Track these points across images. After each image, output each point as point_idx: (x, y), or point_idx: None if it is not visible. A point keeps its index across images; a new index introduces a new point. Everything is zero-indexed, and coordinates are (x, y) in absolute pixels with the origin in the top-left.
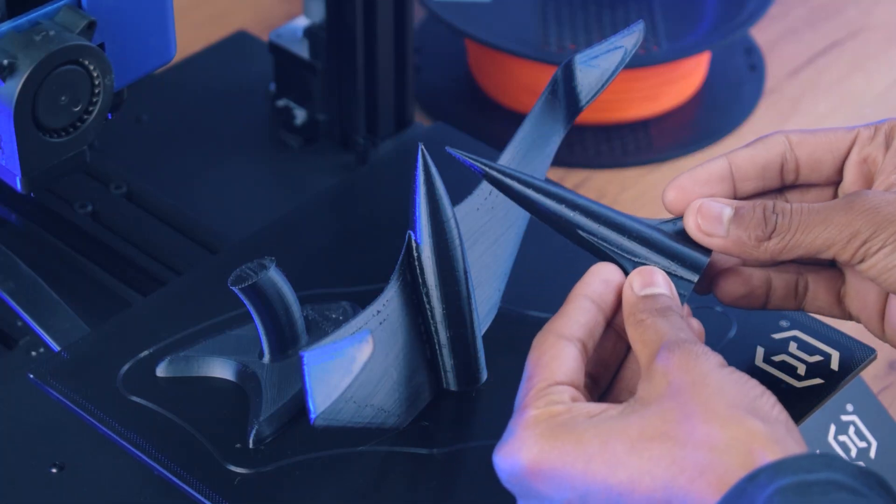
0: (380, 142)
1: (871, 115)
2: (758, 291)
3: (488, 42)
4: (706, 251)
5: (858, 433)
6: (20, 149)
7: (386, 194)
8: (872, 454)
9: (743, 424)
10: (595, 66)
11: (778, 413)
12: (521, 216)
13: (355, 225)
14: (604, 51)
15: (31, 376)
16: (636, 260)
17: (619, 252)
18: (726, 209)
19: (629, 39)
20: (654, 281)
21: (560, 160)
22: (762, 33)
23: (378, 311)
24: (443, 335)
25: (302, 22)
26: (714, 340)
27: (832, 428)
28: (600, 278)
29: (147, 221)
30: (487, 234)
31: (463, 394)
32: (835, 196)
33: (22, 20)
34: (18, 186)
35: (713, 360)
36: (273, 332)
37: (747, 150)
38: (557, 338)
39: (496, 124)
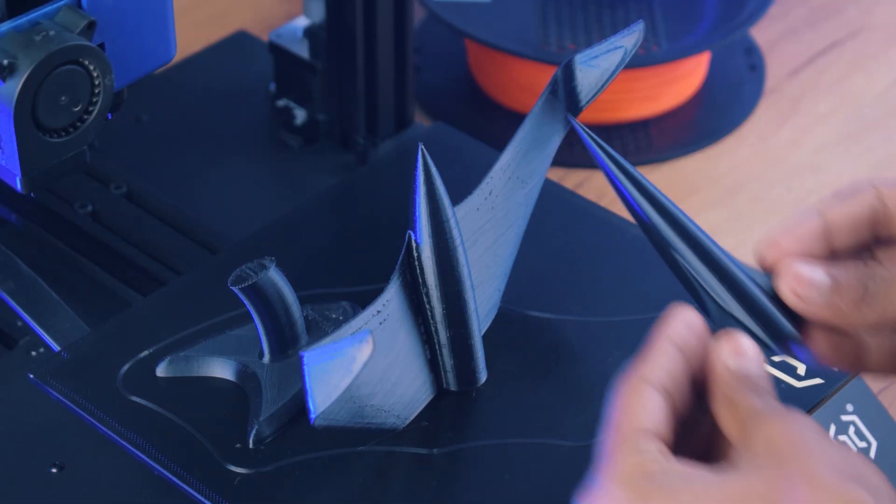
0: (380, 142)
1: (870, 115)
2: (846, 353)
3: (488, 42)
4: (797, 324)
5: (858, 433)
6: (20, 149)
7: (386, 194)
8: (872, 454)
9: (848, 493)
10: (595, 66)
11: (879, 482)
12: (521, 216)
13: (355, 225)
14: (604, 51)
15: (31, 376)
16: (721, 305)
17: (706, 291)
18: (825, 278)
19: (629, 39)
20: (745, 352)
21: (560, 160)
22: (762, 33)
23: (378, 311)
24: (443, 335)
25: (302, 22)
26: None
27: (832, 428)
28: (684, 322)
29: (147, 221)
30: (487, 234)
31: (463, 394)
32: None
33: (22, 20)
34: (18, 186)
35: (815, 428)
36: (273, 332)
37: (842, 206)
38: (642, 382)
39: (496, 124)
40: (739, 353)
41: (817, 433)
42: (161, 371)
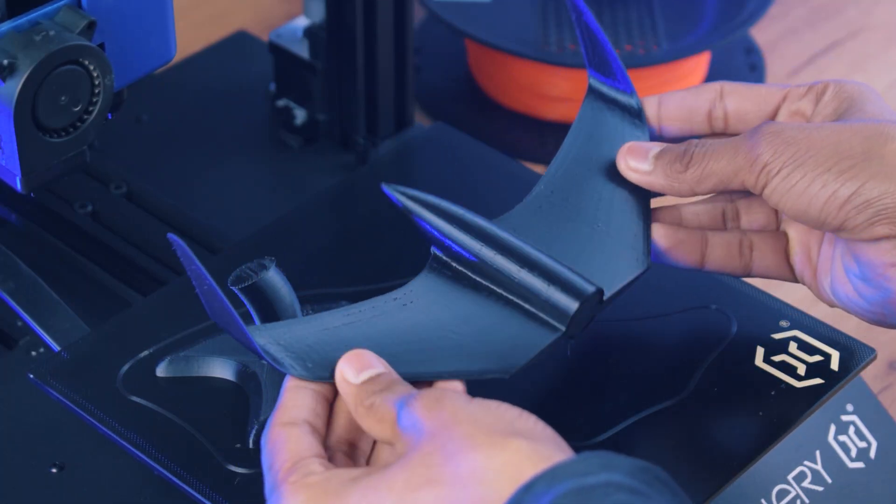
0: (380, 142)
1: None
2: (688, 246)
3: (488, 42)
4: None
5: (858, 433)
6: (20, 149)
7: (386, 194)
8: (872, 454)
9: (507, 448)
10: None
11: (542, 429)
12: (614, 187)
13: (355, 225)
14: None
15: (31, 376)
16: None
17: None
18: (654, 147)
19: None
20: (367, 363)
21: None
22: (762, 33)
23: (396, 298)
24: (516, 275)
25: (302, 22)
26: (714, 341)
27: (832, 428)
28: None
29: (147, 221)
30: (572, 220)
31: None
32: None
33: (22, 20)
34: (18, 186)
35: (457, 395)
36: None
37: (678, 93)
38: (283, 426)
39: (496, 124)
40: (360, 365)
41: (461, 401)
42: (161, 371)
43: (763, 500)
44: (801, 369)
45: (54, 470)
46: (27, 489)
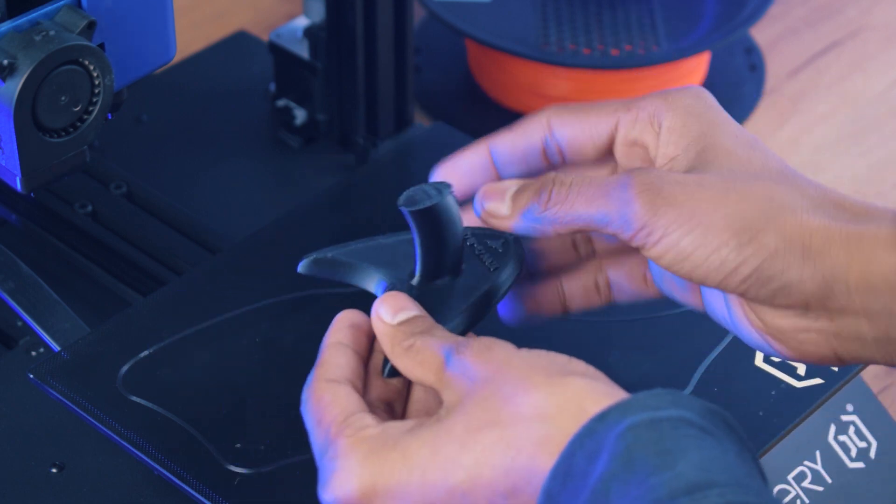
0: (380, 142)
1: (871, 116)
2: (547, 300)
3: (488, 42)
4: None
5: (858, 433)
6: (20, 149)
7: (386, 194)
8: (872, 454)
9: (566, 386)
10: None
11: (595, 370)
12: None
13: (355, 225)
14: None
15: (31, 376)
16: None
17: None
18: (512, 186)
19: None
20: (403, 305)
21: None
22: (762, 33)
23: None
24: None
25: (302, 22)
26: (713, 341)
27: (832, 428)
28: (347, 324)
29: (147, 221)
30: None
31: None
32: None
33: (22, 20)
34: (18, 186)
35: (507, 344)
36: (433, 258)
37: (507, 135)
38: (327, 382)
39: (496, 124)
40: (396, 306)
41: (511, 348)
42: (302, 268)
43: None
44: (801, 369)
45: (54, 470)
46: (27, 489)
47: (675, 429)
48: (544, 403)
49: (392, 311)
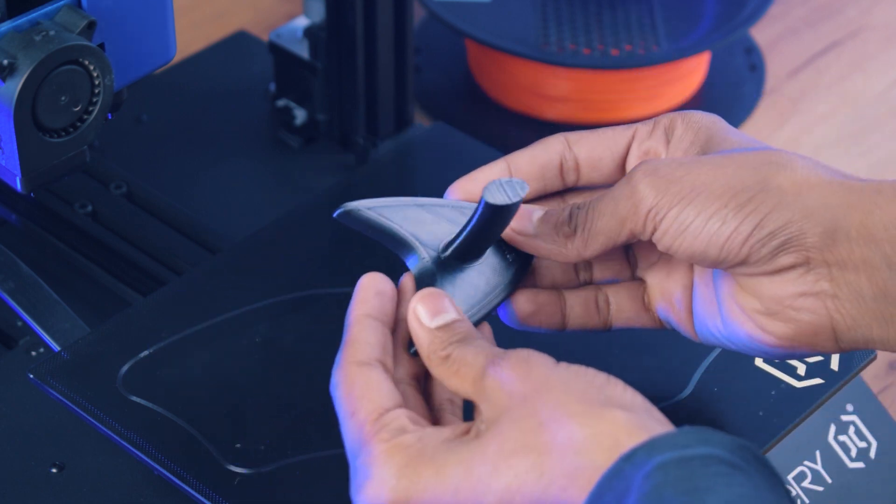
0: (380, 142)
1: (870, 116)
2: (548, 310)
3: (488, 42)
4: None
5: (858, 433)
6: (20, 149)
7: (386, 194)
8: (872, 454)
9: (602, 418)
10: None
11: (632, 397)
12: None
13: None
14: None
15: (31, 376)
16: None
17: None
18: (537, 210)
19: None
20: (442, 307)
21: None
22: (762, 33)
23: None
24: None
25: (302, 22)
26: None
27: (832, 428)
28: (373, 292)
29: (147, 221)
30: None
31: None
32: None
33: (22, 20)
34: (18, 186)
35: (544, 357)
36: (477, 246)
37: (527, 151)
38: (359, 366)
39: (496, 124)
40: (434, 308)
41: (549, 364)
42: (338, 215)
43: None
44: (801, 369)
45: (54, 470)
46: (27, 489)
47: (706, 466)
48: (580, 435)
49: (431, 314)
